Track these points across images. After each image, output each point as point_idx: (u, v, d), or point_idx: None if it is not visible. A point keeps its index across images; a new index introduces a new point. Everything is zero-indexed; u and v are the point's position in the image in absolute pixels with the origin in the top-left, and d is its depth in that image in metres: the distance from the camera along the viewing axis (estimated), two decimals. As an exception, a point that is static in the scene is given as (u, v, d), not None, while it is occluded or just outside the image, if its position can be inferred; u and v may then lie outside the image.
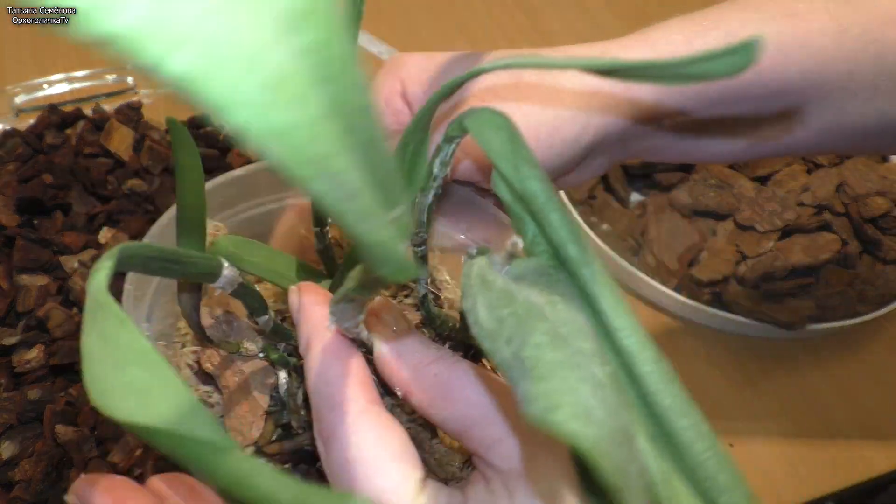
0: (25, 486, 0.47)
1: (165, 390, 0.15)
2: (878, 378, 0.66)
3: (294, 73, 0.12)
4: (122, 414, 0.15)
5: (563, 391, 0.16)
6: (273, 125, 0.12)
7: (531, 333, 0.17)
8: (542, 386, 0.16)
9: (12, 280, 0.55)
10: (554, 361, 0.16)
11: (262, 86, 0.12)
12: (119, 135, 0.65)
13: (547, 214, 0.20)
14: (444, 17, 0.97)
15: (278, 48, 0.12)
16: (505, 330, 0.18)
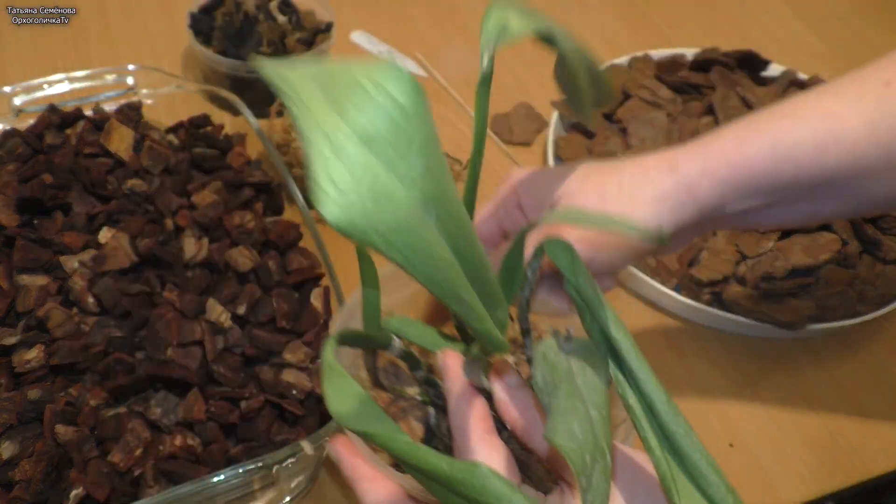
0: (25, 486, 0.47)
1: (372, 412, 0.28)
2: (878, 378, 0.66)
3: (431, 236, 0.22)
4: (351, 425, 0.28)
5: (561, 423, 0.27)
6: (417, 266, 0.22)
7: (558, 392, 0.29)
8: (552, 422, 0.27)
9: (12, 280, 0.55)
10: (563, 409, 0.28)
11: (413, 246, 0.22)
12: (119, 135, 0.65)
13: (595, 307, 0.31)
14: (444, 17, 0.97)
15: (424, 221, 0.22)
16: (547, 388, 0.29)
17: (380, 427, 0.27)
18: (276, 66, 0.20)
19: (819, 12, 1.06)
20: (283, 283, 0.59)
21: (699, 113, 0.81)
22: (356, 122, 0.19)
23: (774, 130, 0.39)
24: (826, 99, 0.39)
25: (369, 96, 0.19)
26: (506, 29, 0.34)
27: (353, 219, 0.19)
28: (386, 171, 0.20)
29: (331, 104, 0.19)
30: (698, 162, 0.40)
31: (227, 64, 0.76)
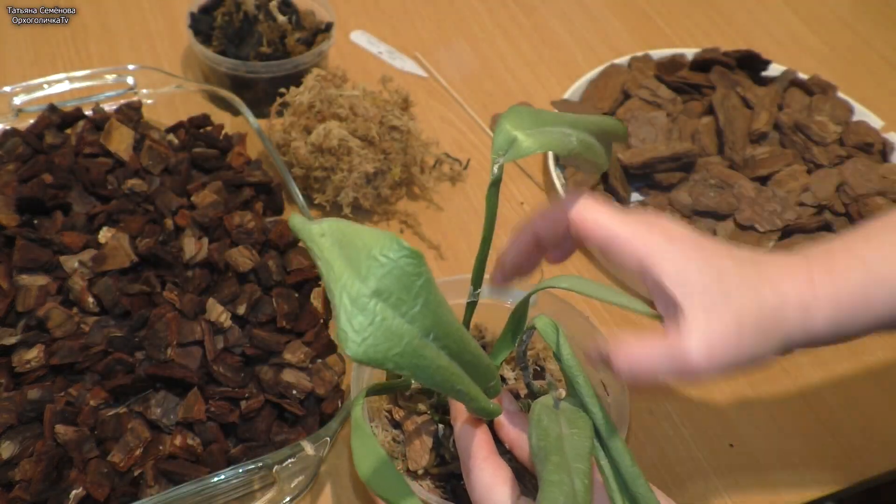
0: (25, 486, 0.47)
1: (391, 474, 0.36)
2: (878, 378, 0.66)
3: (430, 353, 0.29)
4: (372, 485, 0.35)
5: (549, 495, 0.31)
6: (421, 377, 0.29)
7: (547, 464, 0.33)
8: (542, 492, 0.32)
9: (12, 280, 0.55)
10: (552, 482, 0.32)
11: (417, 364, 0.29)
12: (119, 135, 0.65)
13: (575, 377, 0.37)
14: (444, 16, 0.97)
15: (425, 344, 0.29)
16: (540, 454, 0.34)
17: (389, 491, 0.34)
18: (302, 222, 0.28)
19: (819, 12, 1.06)
20: (283, 283, 0.59)
21: (699, 113, 0.81)
22: (369, 281, 0.26)
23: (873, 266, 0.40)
24: None
25: (378, 262, 0.27)
26: (514, 144, 0.39)
27: (370, 354, 0.26)
28: (393, 314, 0.27)
29: (348, 265, 0.27)
30: (826, 307, 0.40)
31: (226, 64, 0.76)
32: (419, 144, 0.72)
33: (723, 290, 0.38)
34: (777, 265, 0.40)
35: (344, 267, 0.27)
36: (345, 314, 0.26)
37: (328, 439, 0.49)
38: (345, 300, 0.26)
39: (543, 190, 0.78)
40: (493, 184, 0.38)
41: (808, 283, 0.39)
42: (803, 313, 0.39)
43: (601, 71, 0.86)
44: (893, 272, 0.40)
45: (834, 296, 0.39)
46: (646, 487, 0.35)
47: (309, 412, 0.54)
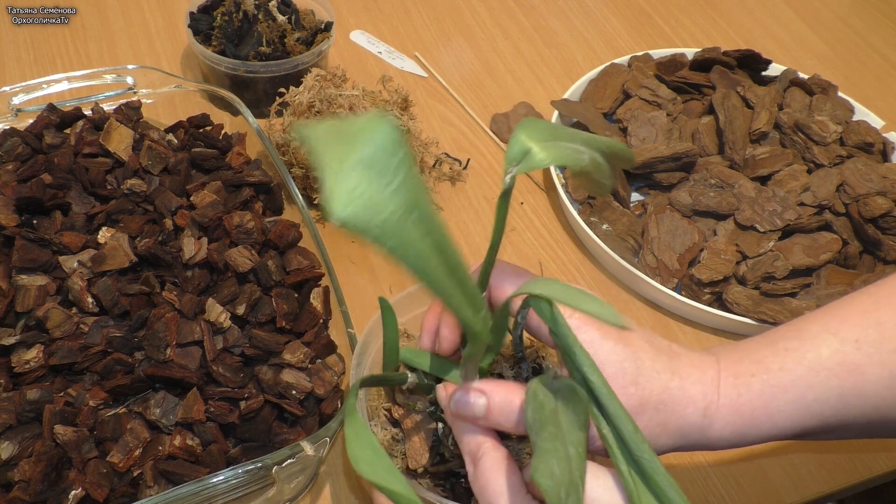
0: (24, 486, 0.47)
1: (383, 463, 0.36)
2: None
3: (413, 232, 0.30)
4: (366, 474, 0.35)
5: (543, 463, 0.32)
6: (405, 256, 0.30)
7: (543, 433, 0.34)
8: (536, 461, 0.32)
9: (11, 280, 0.55)
10: (545, 449, 0.33)
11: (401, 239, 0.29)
12: (118, 134, 0.65)
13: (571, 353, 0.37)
14: (444, 16, 0.97)
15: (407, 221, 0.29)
16: (535, 426, 0.35)
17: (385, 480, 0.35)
18: (303, 128, 0.30)
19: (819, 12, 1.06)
20: (283, 283, 0.59)
21: (699, 112, 0.81)
22: (353, 152, 0.28)
23: (800, 385, 0.40)
24: (847, 347, 0.40)
25: (363, 137, 0.29)
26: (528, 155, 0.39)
27: (355, 219, 0.27)
28: (377, 185, 0.28)
29: (341, 142, 0.29)
30: (726, 414, 0.41)
31: (226, 63, 0.76)
32: (419, 144, 0.72)
33: (633, 373, 0.39)
34: (690, 362, 0.41)
35: (334, 145, 0.29)
36: (330, 180, 0.27)
37: (328, 440, 0.49)
38: (331, 168, 0.27)
39: (543, 190, 0.78)
40: (504, 193, 0.39)
41: (714, 386, 0.40)
42: (703, 416, 0.40)
43: (601, 71, 0.85)
44: (794, 382, 0.40)
45: (734, 402, 0.40)
46: (650, 452, 0.36)
47: (308, 412, 0.54)
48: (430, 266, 0.31)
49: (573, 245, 0.74)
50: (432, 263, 0.31)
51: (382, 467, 0.35)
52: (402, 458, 0.48)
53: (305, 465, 0.50)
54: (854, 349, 0.40)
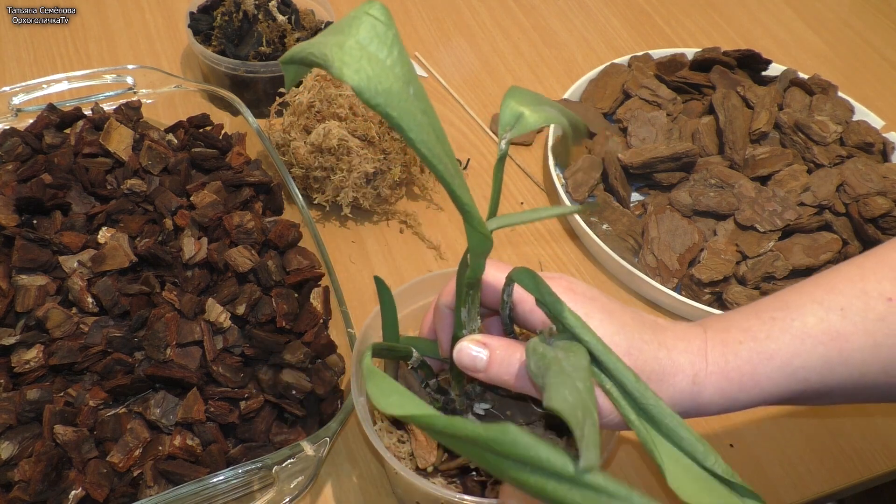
0: (24, 486, 0.47)
1: (412, 400, 0.36)
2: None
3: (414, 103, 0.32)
4: (394, 410, 0.35)
5: (555, 392, 0.33)
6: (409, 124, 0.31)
7: (548, 372, 0.35)
8: (548, 393, 0.33)
9: (11, 280, 0.55)
10: (554, 383, 0.34)
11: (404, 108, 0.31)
12: (118, 134, 0.65)
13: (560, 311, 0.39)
14: (444, 16, 0.97)
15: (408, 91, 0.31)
16: (539, 371, 0.36)
17: (421, 410, 0.35)
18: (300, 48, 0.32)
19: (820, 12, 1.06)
20: (283, 283, 0.59)
21: (699, 112, 0.81)
22: (355, 36, 0.31)
23: (786, 353, 0.41)
24: (832, 315, 0.42)
25: (361, 21, 0.31)
26: (521, 118, 0.40)
27: (366, 83, 0.29)
28: (379, 57, 0.31)
29: (336, 34, 0.31)
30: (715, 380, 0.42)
31: (226, 63, 0.76)
32: (419, 144, 0.72)
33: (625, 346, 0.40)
34: (675, 334, 0.42)
35: (331, 37, 0.31)
36: (338, 55, 0.30)
37: (328, 440, 0.49)
38: (334, 51, 0.30)
39: (543, 190, 0.78)
40: (500, 159, 0.40)
41: (702, 354, 0.42)
42: (692, 384, 0.41)
43: (601, 70, 0.85)
44: (780, 349, 0.41)
45: (723, 368, 0.42)
46: (655, 398, 0.37)
47: (308, 412, 0.54)
48: (432, 140, 0.32)
49: (573, 245, 0.74)
50: (433, 138, 0.32)
51: (412, 404, 0.36)
52: (410, 459, 0.48)
53: (305, 465, 0.50)
54: (839, 318, 0.42)
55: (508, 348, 0.41)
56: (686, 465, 0.36)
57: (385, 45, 0.31)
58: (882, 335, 0.41)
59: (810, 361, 0.42)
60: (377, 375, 0.37)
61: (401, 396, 0.36)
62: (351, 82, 0.29)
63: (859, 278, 0.43)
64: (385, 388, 0.36)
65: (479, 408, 0.47)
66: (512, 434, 0.30)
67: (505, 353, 0.41)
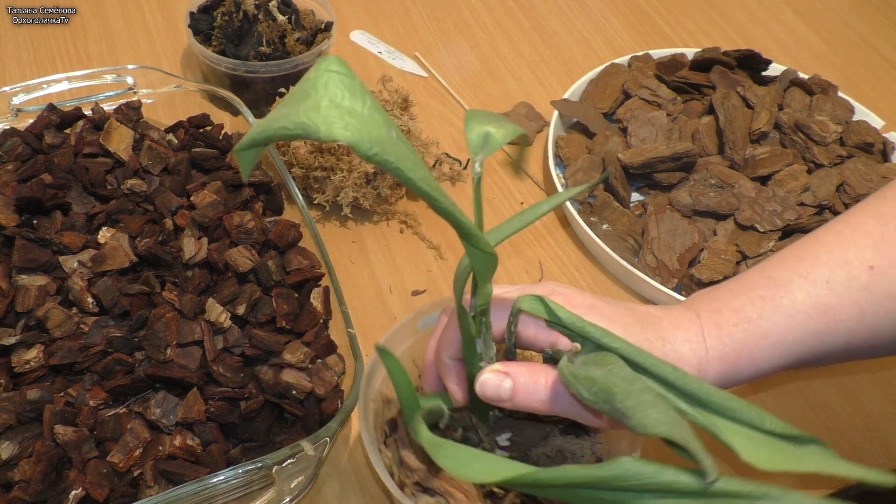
0: (25, 486, 0.47)
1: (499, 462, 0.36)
2: (878, 378, 0.66)
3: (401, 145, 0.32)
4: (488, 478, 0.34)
5: (644, 418, 0.32)
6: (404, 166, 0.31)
7: (613, 397, 0.34)
8: (635, 420, 0.33)
9: (11, 280, 0.55)
10: (631, 407, 0.33)
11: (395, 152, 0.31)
12: (118, 134, 0.65)
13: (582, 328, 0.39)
14: (444, 16, 0.97)
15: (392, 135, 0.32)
16: (600, 398, 0.35)
17: (518, 470, 0.34)
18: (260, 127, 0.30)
19: (820, 12, 1.06)
20: (283, 283, 0.59)
21: (699, 113, 0.81)
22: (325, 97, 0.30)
23: (779, 330, 0.43)
24: (819, 290, 0.43)
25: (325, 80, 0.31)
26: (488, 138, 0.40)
27: (357, 137, 0.29)
28: (357, 109, 0.30)
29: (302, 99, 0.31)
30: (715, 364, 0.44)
31: (226, 63, 0.76)
32: (419, 144, 0.72)
33: None
34: (671, 322, 0.43)
35: (299, 103, 0.30)
36: (319, 119, 0.29)
37: (328, 440, 0.49)
38: (311, 115, 0.29)
39: (543, 190, 0.78)
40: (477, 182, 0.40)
41: (701, 341, 0.43)
42: (697, 372, 0.43)
43: (601, 71, 0.85)
44: (773, 328, 0.43)
45: (721, 352, 0.43)
46: (697, 381, 0.37)
47: (309, 412, 0.54)
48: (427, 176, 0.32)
49: (573, 245, 0.74)
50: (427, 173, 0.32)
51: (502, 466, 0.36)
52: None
53: (305, 465, 0.50)
54: (826, 291, 0.43)
55: (532, 373, 0.40)
56: (748, 436, 0.36)
57: (357, 96, 0.31)
58: (867, 303, 0.43)
59: (802, 336, 0.43)
60: (445, 446, 0.37)
61: (483, 461, 0.36)
62: (344, 140, 0.29)
63: (839, 248, 0.44)
64: (460, 457, 0.36)
65: (502, 439, 0.46)
66: (634, 466, 0.30)
67: (530, 378, 0.40)
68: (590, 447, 0.48)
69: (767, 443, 0.36)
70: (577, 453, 0.47)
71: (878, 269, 0.43)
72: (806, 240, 0.46)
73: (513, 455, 0.46)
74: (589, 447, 0.48)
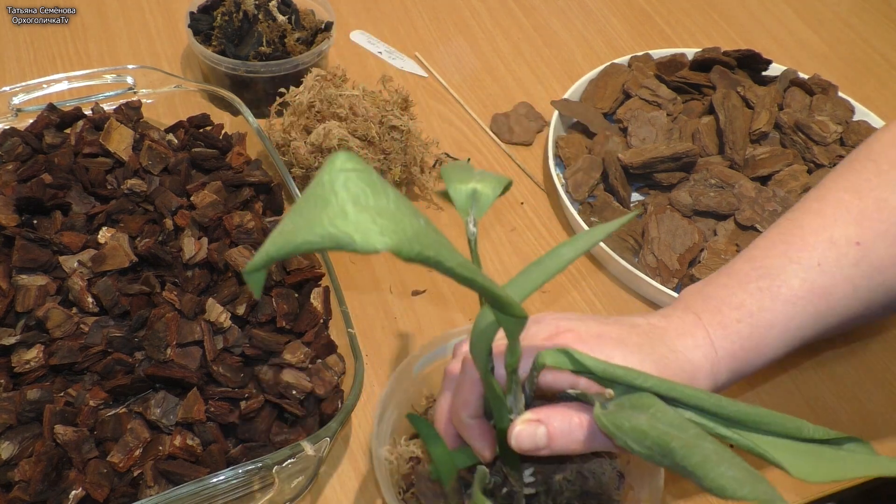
0: (25, 486, 0.47)
1: None
2: (878, 378, 0.66)
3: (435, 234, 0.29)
4: None
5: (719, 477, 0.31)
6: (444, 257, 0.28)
7: (672, 452, 0.32)
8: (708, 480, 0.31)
9: (11, 280, 0.55)
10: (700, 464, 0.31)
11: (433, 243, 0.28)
12: (118, 134, 0.65)
13: (612, 372, 0.37)
14: (444, 16, 0.97)
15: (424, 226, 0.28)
16: (655, 452, 0.33)
17: None
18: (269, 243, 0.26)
19: (820, 12, 1.06)
20: (283, 283, 0.59)
21: (699, 113, 0.81)
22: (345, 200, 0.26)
23: (782, 320, 0.44)
24: (812, 273, 0.44)
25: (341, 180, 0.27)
26: (476, 195, 0.40)
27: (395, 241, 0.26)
28: (383, 205, 0.27)
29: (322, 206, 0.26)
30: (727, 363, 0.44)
31: (226, 63, 0.76)
32: (419, 144, 0.72)
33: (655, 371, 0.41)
34: (677, 331, 0.44)
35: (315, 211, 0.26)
36: (349, 228, 0.25)
37: (328, 440, 0.49)
38: (339, 224, 0.25)
39: (543, 190, 0.78)
40: (473, 243, 0.39)
41: (709, 343, 0.43)
42: (711, 375, 0.43)
43: (601, 71, 0.85)
44: (776, 318, 0.44)
45: (730, 350, 0.44)
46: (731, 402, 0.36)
47: (309, 412, 0.54)
48: (461, 259, 0.30)
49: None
50: (461, 256, 0.30)
51: None
52: None
53: (306, 466, 0.50)
54: (819, 274, 0.44)
55: (564, 416, 0.39)
56: (791, 448, 0.36)
57: (380, 192, 0.27)
58: (859, 279, 0.44)
59: (803, 321, 0.44)
60: None
61: None
62: (384, 247, 0.26)
63: (822, 227, 0.45)
64: None
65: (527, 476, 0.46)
66: None
67: (563, 422, 0.39)
68: (609, 463, 0.48)
69: (809, 452, 0.36)
70: (598, 472, 0.47)
71: (864, 244, 0.44)
72: (786, 223, 0.47)
73: (538, 489, 0.46)
74: (608, 463, 0.48)
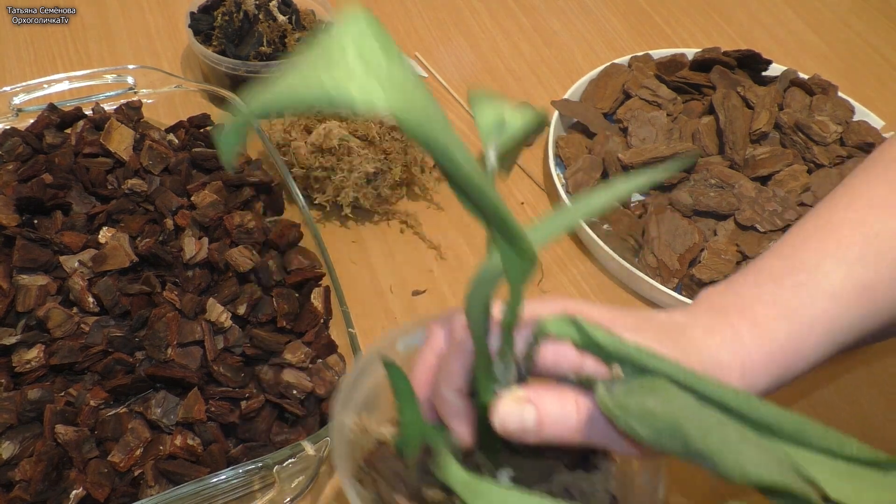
0: (25, 486, 0.47)
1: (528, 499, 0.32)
2: (878, 379, 0.66)
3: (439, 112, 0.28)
4: None
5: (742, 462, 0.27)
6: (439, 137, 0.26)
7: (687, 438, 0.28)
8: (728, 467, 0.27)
9: (12, 280, 0.55)
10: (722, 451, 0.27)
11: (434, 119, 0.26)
12: (119, 134, 0.65)
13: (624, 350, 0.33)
14: (444, 16, 0.97)
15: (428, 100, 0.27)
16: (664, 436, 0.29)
17: None
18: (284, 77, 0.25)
19: (820, 12, 1.06)
20: (283, 283, 0.59)
21: (699, 113, 0.81)
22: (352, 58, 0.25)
23: (825, 318, 0.39)
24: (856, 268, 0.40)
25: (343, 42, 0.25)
26: (503, 125, 0.36)
27: (397, 106, 0.25)
28: (397, 72, 0.26)
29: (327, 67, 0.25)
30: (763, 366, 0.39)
31: (226, 63, 0.76)
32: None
33: None
34: (704, 330, 0.39)
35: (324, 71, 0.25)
36: (353, 84, 0.24)
37: (328, 439, 0.49)
38: (344, 84, 0.24)
39: (543, 190, 0.78)
40: (492, 178, 0.35)
41: (739, 343, 0.38)
42: (742, 377, 0.38)
43: (601, 71, 0.85)
44: (818, 315, 0.39)
45: (768, 352, 0.38)
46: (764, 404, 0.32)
47: (309, 412, 0.54)
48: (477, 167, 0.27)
49: (573, 245, 0.74)
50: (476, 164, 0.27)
51: None
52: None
53: (306, 465, 0.50)
54: (862, 269, 0.40)
55: (560, 399, 0.33)
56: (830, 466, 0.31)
57: (389, 53, 0.26)
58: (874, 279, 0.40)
59: (848, 320, 0.40)
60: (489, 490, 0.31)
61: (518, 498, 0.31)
62: (386, 106, 0.24)
63: (860, 222, 0.41)
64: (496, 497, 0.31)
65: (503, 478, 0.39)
66: None
67: (558, 406, 0.33)
68: (602, 483, 0.42)
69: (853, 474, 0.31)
70: (587, 490, 0.40)
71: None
72: (813, 220, 0.43)
73: None
74: (601, 483, 0.41)
